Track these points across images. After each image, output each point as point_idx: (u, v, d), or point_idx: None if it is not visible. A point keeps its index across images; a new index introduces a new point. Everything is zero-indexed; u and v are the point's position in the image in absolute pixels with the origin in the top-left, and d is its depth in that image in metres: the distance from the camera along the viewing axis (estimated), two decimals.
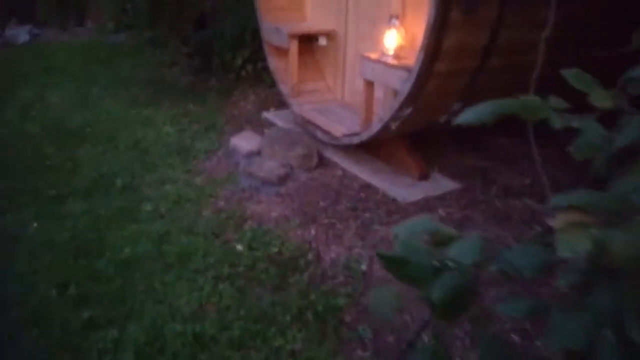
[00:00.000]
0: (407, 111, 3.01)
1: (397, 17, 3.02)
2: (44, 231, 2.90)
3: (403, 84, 2.87)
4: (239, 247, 2.71)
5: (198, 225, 2.95)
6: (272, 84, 5.55)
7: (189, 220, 3.02)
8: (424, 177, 3.42)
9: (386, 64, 2.98)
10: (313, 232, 2.91)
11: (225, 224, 2.97)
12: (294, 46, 4.14)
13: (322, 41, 4.36)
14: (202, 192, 3.37)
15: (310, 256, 2.66)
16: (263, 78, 5.62)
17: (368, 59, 3.15)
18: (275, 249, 2.69)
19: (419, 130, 3.47)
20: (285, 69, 4.45)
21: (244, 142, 3.98)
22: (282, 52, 4.41)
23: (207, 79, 5.65)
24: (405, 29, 3.40)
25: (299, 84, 4.35)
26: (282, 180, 3.46)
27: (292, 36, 4.09)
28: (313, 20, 4.52)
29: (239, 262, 2.57)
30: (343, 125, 3.82)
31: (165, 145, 4.12)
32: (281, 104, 5.03)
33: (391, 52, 3.04)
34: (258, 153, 3.86)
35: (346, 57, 4.19)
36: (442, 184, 3.39)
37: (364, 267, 2.55)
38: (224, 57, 5.50)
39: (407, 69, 2.84)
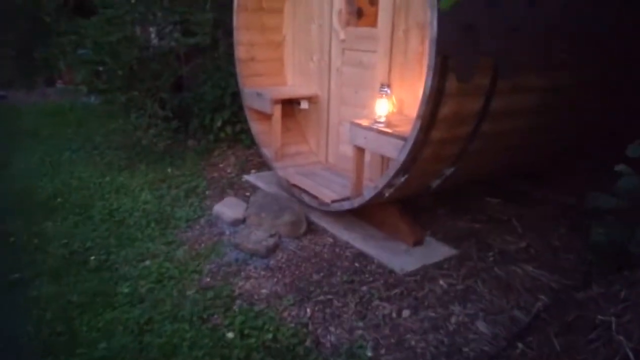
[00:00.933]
0: (402, 179, 2.91)
1: (388, 85, 2.98)
2: (5, 326, 2.58)
3: (398, 153, 2.79)
4: (230, 335, 2.46)
5: (183, 308, 2.70)
6: (251, 145, 5.46)
7: (172, 302, 2.76)
8: (418, 243, 3.29)
9: (380, 132, 2.91)
10: (309, 311, 2.69)
11: (213, 306, 2.72)
12: (277, 111, 4.06)
13: (304, 105, 4.31)
14: (185, 267, 3.13)
15: (308, 342, 2.43)
16: (241, 139, 5.52)
17: (359, 126, 3.08)
18: (270, 335, 2.45)
19: (411, 195, 3.37)
20: (268, 133, 4.36)
21: (228, 209, 3.78)
22: (264, 116, 4.32)
23: (184, 141, 5.50)
24: (394, 92, 3.38)
25: (282, 147, 4.25)
26: (271, 251, 3.26)
27: (276, 101, 4.02)
28: (294, 85, 4.49)
29: (231, 353, 2.32)
30: (331, 189, 3.70)
31: (143, 214, 3.88)
32: (262, 165, 4.90)
33: (383, 119, 2.97)
34: (243, 221, 3.67)
35: (329, 120, 4.14)
36: (437, 250, 3.26)
37: (369, 352, 2.34)
38: (204, 119, 5.39)
39: (402, 138, 2.77)
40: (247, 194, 4.30)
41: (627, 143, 4.09)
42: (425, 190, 3.32)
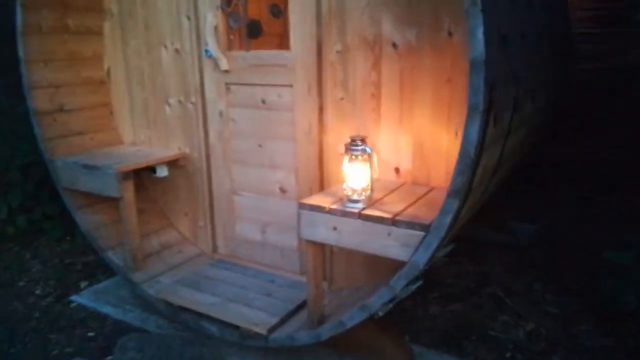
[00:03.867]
0: (413, 287, 1.78)
1: (363, 140, 1.80)
2: None
3: (413, 251, 1.64)
4: None
5: None
6: (61, 238, 3.58)
7: None
8: None
9: (371, 218, 1.71)
10: None
11: None
12: (129, 190, 2.48)
13: (162, 172, 2.81)
14: None
15: None
16: (46, 230, 3.60)
17: (320, 209, 1.82)
18: None
19: None
20: (111, 226, 2.71)
21: None
22: (100, 200, 2.67)
23: None
24: (329, 145, 2.24)
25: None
26: None
27: (125, 175, 2.43)
28: (138, 142, 2.93)
29: None
30: (251, 304, 2.31)
31: None
32: (95, 267, 3.16)
33: (362, 196, 1.79)
34: None
35: (213, 190, 2.74)
36: None
37: None
38: None
39: (418, 226, 1.63)
40: (91, 334, 2.56)
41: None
42: None
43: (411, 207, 1.77)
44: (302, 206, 1.86)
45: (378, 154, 2.13)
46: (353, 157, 1.78)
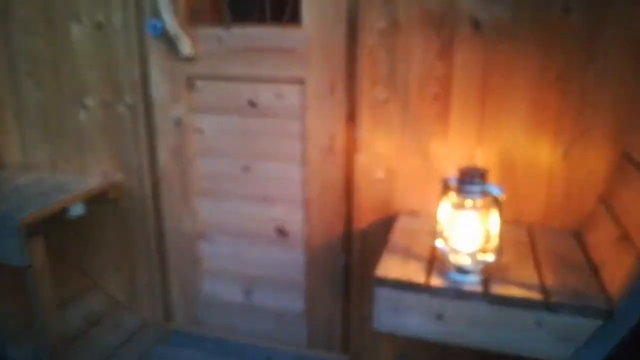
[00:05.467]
0: None
1: (484, 176, 1.13)
2: None
3: (582, 350, 1.05)
4: None
5: None
6: None
7: None
8: None
9: (511, 301, 1.05)
10: None
11: None
12: (39, 253, 1.52)
13: (77, 210, 1.86)
14: None
15: None
16: None
17: (416, 287, 1.12)
18: None
19: None
20: (9, 304, 1.70)
21: None
22: None
23: None
24: (363, 168, 1.55)
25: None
26: None
27: (32, 229, 1.47)
28: (31, 163, 1.93)
29: None
30: None
31: None
32: None
33: (479, 264, 1.13)
34: None
35: (164, 232, 1.88)
36: None
37: None
38: None
39: (596, 310, 1.04)
40: None
41: None
42: None
43: (548, 271, 1.17)
44: (381, 282, 1.15)
45: (436, 172, 1.50)
46: (465, 202, 1.11)
